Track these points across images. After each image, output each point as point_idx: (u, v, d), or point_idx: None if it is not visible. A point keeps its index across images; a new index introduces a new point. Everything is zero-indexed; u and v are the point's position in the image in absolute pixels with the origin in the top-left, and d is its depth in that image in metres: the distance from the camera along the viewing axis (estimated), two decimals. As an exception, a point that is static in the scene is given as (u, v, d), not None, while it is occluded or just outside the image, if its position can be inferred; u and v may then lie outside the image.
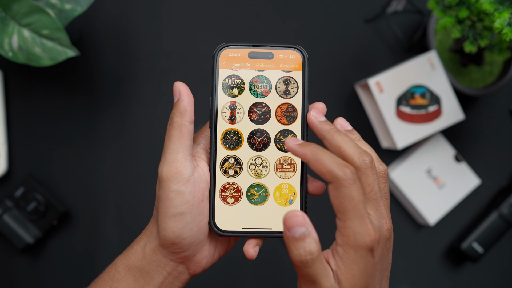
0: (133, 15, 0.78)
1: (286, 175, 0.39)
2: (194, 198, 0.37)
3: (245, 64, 0.39)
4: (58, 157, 0.76)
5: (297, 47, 0.39)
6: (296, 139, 0.35)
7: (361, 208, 0.32)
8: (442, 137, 0.77)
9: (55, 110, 0.77)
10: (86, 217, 0.76)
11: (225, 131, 0.39)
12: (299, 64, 0.39)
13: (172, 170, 0.36)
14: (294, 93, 0.39)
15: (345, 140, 0.35)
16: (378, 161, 0.37)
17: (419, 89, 0.72)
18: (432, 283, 0.79)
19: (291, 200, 0.39)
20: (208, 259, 0.40)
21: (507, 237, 0.80)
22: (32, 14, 0.58)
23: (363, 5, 0.79)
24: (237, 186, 0.39)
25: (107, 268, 0.40)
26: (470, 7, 0.64)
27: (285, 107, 0.39)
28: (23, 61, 0.61)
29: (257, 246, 0.39)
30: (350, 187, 0.32)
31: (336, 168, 0.32)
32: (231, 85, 0.39)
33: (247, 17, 0.78)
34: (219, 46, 0.39)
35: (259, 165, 0.39)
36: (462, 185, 0.77)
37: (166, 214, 0.37)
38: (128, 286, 0.39)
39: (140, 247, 0.39)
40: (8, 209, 0.72)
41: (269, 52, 0.39)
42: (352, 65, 0.79)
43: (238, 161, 0.39)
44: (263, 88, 0.39)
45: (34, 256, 0.76)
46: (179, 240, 0.37)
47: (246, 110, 0.39)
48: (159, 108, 0.77)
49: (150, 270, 0.38)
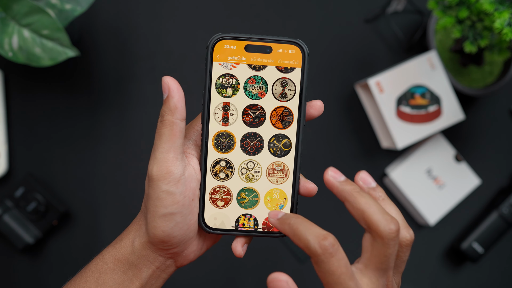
0: (133, 15, 0.78)
1: (278, 181, 0.38)
2: (185, 198, 0.36)
3: (241, 58, 0.37)
4: (58, 157, 0.76)
5: (297, 41, 0.37)
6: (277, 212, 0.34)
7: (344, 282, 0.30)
8: (442, 137, 0.77)
9: (55, 110, 0.77)
10: (86, 217, 0.76)
11: (217, 133, 0.37)
12: (299, 60, 0.37)
13: (162, 170, 0.35)
14: (291, 96, 0.37)
15: (369, 203, 0.32)
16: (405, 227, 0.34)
17: (419, 89, 0.72)
18: (432, 283, 0.79)
19: (282, 206, 0.39)
20: (196, 253, 0.40)
21: (507, 237, 0.80)
22: (32, 14, 0.58)
23: (363, 5, 0.79)
24: (228, 190, 0.38)
25: (94, 259, 0.40)
26: (470, 7, 0.64)
27: (280, 111, 0.38)
28: (23, 61, 0.61)
29: (246, 244, 0.39)
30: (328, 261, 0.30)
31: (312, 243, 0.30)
32: (225, 85, 0.37)
33: (247, 17, 0.78)
34: (214, 36, 0.36)
35: (251, 169, 0.38)
36: (462, 185, 0.77)
37: (156, 214, 0.36)
38: (116, 278, 0.39)
39: (129, 241, 0.39)
40: (8, 209, 0.72)
41: (267, 46, 0.37)
42: (352, 65, 0.79)
43: (229, 164, 0.38)
44: (259, 90, 0.37)
45: (34, 256, 0.76)
46: (168, 239, 0.37)
47: (239, 112, 0.37)
48: (159, 108, 0.77)
49: (139, 264, 0.38)
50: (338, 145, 0.78)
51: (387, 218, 0.32)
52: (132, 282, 0.39)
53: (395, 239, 0.32)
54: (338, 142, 0.78)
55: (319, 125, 0.78)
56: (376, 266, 0.32)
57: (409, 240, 0.34)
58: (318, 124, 0.78)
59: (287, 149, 0.38)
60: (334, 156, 0.78)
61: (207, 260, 0.77)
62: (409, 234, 0.34)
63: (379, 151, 0.79)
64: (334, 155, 0.78)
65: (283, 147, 0.38)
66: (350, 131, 0.79)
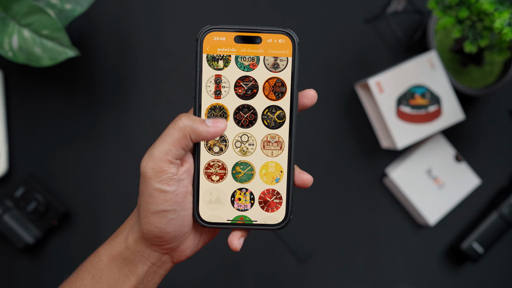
0: (133, 15, 0.78)
1: (273, 153, 0.38)
2: (178, 196, 0.36)
3: (231, 49, 0.37)
4: (58, 157, 0.76)
5: (287, 30, 0.37)
6: None
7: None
8: (442, 137, 0.77)
9: (55, 110, 0.77)
10: (86, 217, 0.76)
11: (210, 106, 0.37)
12: (289, 49, 0.37)
13: (156, 169, 0.35)
14: (283, 67, 0.37)
15: None
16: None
17: (419, 89, 0.72)
18: (432, 283, 0.79)
19: (278, 179, 0.38)
20: (193, 248, 0.40)
21: (507, 237, 0.80)
22: (32, 14, 0.58)
23: (363, 5, 0.79)
24: (222, 164, 0.38)
25: (90, 257, 0.40)
26: (470, 7, 0.64)
27: (273, 82, 0.37)
28: (23, 61, 0.61)
29: (242, 238, 0.39)
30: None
31: None
32: (216, 57, 0.37)
33: (247, 17, 0.78)
34: (203, 28, 0.36)
35: (245, 142, 0.38)
36: (462, 185, 0.77)
37: (148, 210, 0.36)
38: (112, 275, 0.39)
39: (123, 237, 0.39)
40: (8, 209, 0.72)
41: (257, 37, 0.37)
42: (352, 65, 0.79)
43: (223, 137, 0.38)
44: (250, 61, 0.37)
45: (34, 256, 0.76)
46: (162, 234, 0.37)
47: (232, 84, 0.37)
48: (159, 108, 0.77)
49: (134, 260, 0.38)
50: (338, 145, 0.78)
51: None
52: (128, 279, 0.38)
53: None
54: (338, 142, 0.78)
55: (319, 125, 0.78)
56: None
57: None
58: (318, 124, 0.78)
59: (281, 121, 0.38)
60: (334, 156, 0.78)
61: (207, 259, 0.77)
62: None
63: (379, 151, 0.79)
64: (334, 155, 0.78)
65: (277, 119, 0.38)
66: (350, 131, 0.79)
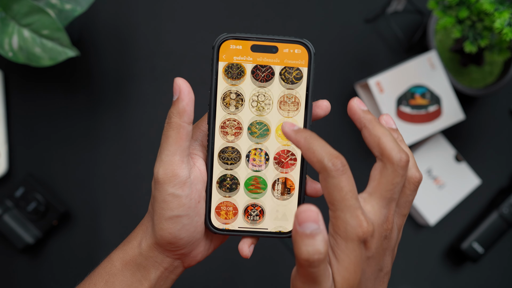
0: (133, 15, 0.78)
1: (290, 113, 0.38)
2: (191, 201, 0.36)
3: (247, 58, 0.37)
4: (58, 157, 0.76)
5: (304, 41, 0.37)
6: (292, 124, 0.34)
7: (350, 199, 0.31)
8: (442, 137, 0.77)
9: (55, 110, 0.77)
10: (86, 217, 0.76)
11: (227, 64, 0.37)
12: (305, 60, 0.38)
13: (168, 173, 0.35)
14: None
15: (386, 133, 0.34)
16: (414, 166, 0.35)
17: (419, 89, 0.72)
18: (432, 283, 0.79)
19: None
20: (204, 253, 0.40)
21: (507, 237, 0.80)
22: (32, 14, 0.58)
23: (363, 5, 0.79)
24: (238, 122, 0.38)
25: (103, 262, 0.40)
26: (470, 7, 0.64)
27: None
28: (23, 61, 0.61)
29: (252, 245, 0.39)
30: (339, 177, 0.31)
31: (326, 159, 0.31)
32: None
33: (247, 17, 0.78)
34: (220, 36, 0.37)
35: (261, 101, 0.38)
36: (462, 185, 0.77)
37: (162, 216, 0.36)
38: (125, 280, 0.39)
39: (136, 243, 0.39)
40: (8, 209, 0.72)
41: (273, 46, 0.37)
42: (352, 65, 0.79)
43: (240, 96, 0.38)
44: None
45: (34, 256, 0.76)
46: (175, 240, 0.37)
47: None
48: (159, 108, 0.77)
49: (147, 266, 0.38)
50: (338, 145, 0.78)
51: (400, 148, 0.33)
52: (141, 284, 0.39)
53: (405, 168, 0.33)
54: (338, 142, 0.78)
55: (319, 125, 0.78)
56: (381, 194, 0.33)
57: (417, 178, 0.35)
58: (318, 124, 0.78)
59: (298, 81, 0.38)
60: (334, 156, 0.78)
61: (207, 259, 0.77)
62: (418, 173, 0.35)
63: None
64: (334, 155, 0.78)
65: (294, 79, 0.38)
66: (350, 131, 0.79)
